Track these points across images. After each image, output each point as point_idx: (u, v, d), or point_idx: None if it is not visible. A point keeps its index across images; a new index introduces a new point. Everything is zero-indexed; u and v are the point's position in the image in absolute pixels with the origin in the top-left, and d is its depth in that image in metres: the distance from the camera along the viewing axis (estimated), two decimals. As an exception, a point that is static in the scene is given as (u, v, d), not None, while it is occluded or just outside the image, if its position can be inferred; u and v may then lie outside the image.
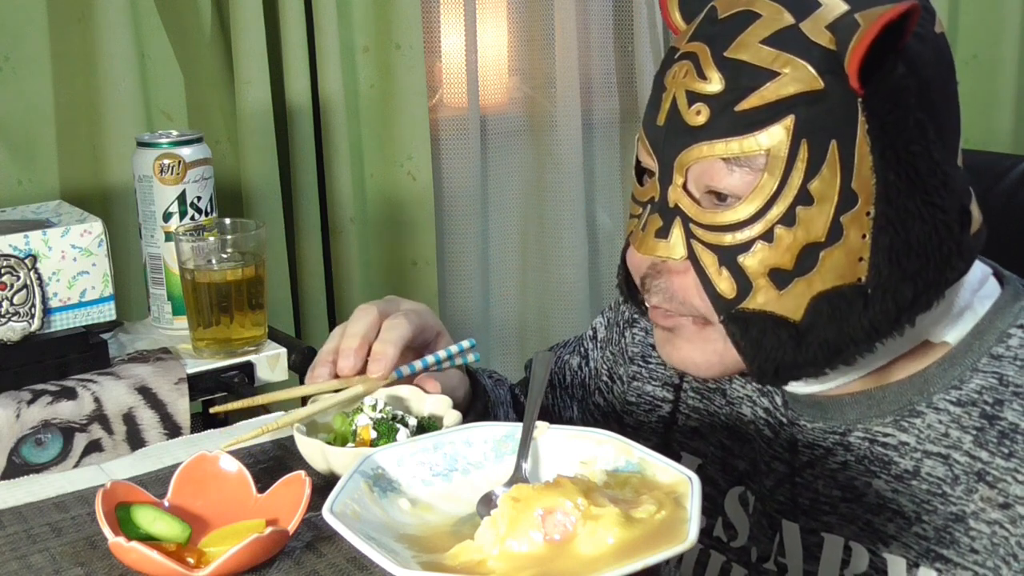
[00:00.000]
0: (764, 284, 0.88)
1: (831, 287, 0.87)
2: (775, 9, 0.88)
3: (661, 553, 0.68)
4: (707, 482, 1.06)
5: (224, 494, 0.90)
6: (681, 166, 0.90)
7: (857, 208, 0.86)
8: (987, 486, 0.89)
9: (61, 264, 1.18)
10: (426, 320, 1.04)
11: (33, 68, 1.61)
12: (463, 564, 0.73)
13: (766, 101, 0.86)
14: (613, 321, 1.23)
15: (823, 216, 0.86)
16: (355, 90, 1.85)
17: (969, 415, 0.91)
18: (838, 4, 0.87)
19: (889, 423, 0.95)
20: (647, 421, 1.14)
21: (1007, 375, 0.91)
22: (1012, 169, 1.33)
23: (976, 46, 2.37)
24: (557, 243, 2.14)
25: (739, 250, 0.88)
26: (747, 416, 1.05)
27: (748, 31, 0.88)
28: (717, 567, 1.07)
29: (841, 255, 0.87)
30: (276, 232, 1.77)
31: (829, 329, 0.88)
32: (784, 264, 0.87)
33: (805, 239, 0.87)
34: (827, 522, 0.98)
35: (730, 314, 0.90)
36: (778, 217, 0.87)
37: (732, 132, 0.87)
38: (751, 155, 0.87)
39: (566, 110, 2.08)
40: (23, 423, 1.05)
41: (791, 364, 0.90)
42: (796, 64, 0.86)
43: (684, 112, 0.89)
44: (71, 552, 0.87)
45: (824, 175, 0.86)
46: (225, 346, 1.23)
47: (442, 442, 0.87)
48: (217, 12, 1.71)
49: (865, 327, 0.88)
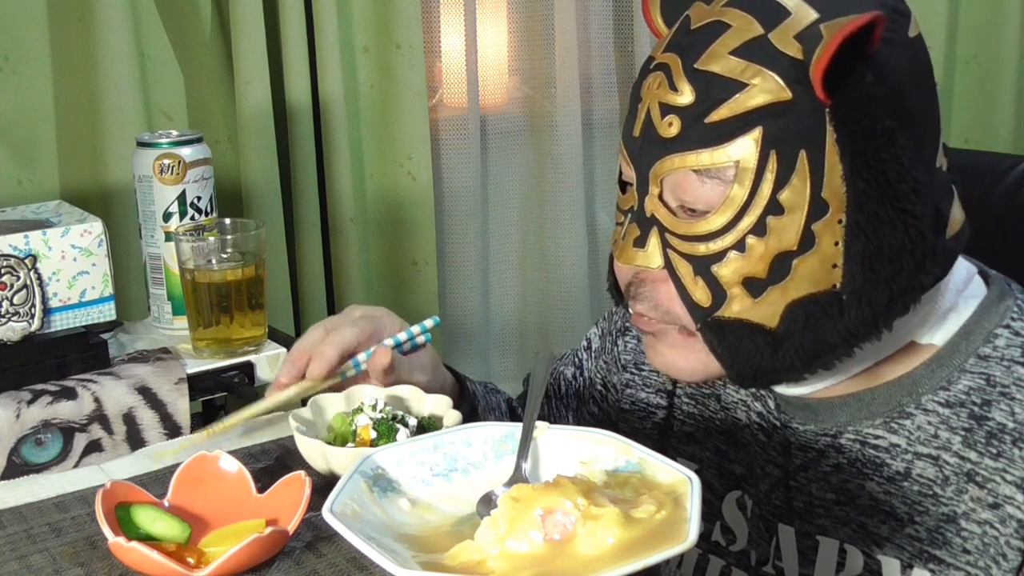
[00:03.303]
0: (739, 293, 0.89)
1: (806, 294, 0.88)
2: (745, 20, 0.88)
3: (661, 553, 0.69)
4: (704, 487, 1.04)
5: (224, 494, 0.90)
6: (656, 177, 0.90)
7: (828, 216, 0.87)
8: (977, 486, 0.90)
9: (61, 264, 1.18)
10: (379, 324, 1.07)
11: (33, 68, 1.61)
12: (463, 564, 0.73)
13: (735, 113, 0.86)
14: (606, 331, 1.23)
15: (794, 225, 0.87)
16: (355, 90, 1.85)
17: (958, 416, 0.91)
18: (808, 13, 0.87)
19: (879, 425, 0.95)
20: (642, 428, 1.14)
21: (994, 375, 0.91)
22: (1012, 169, 1.33)
23: (976, 46, 2.37)
24: (557, 243, 2.14)
25: (713, 260, 0.89)
26: (742, 421, 1.05)
27: (718, 42, 0.88)
28: (716, 571, 1.07)
29: (814, 263, 0.87)
30: (276, 232, 1.77)
31: (805, 335, 0.89)
32: (757, 273, 0.88)
33: (777, 248, 0.87)
34: (821, 525, 0.98)
35: (707, 322, 0.91)
36: (749, 227, 0.87)
37: (702, 144, 0.88)
38: (721, 167, 0.87)
39: (566, 110, 2.08)
40: (23, 423, 1.05)
41: (769, 369, 0.91)
42: (764, 75, 0.86)
43: (657, 124, 0.90)
44: (71, 552, 0.87)
45: (794, 185, 0.86)
46: (225, 346, 1.23)
47: (442, 442, 0.87)
48: (217, 12, 1.71)
49: (841, 332, 0.88)
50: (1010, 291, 0.97)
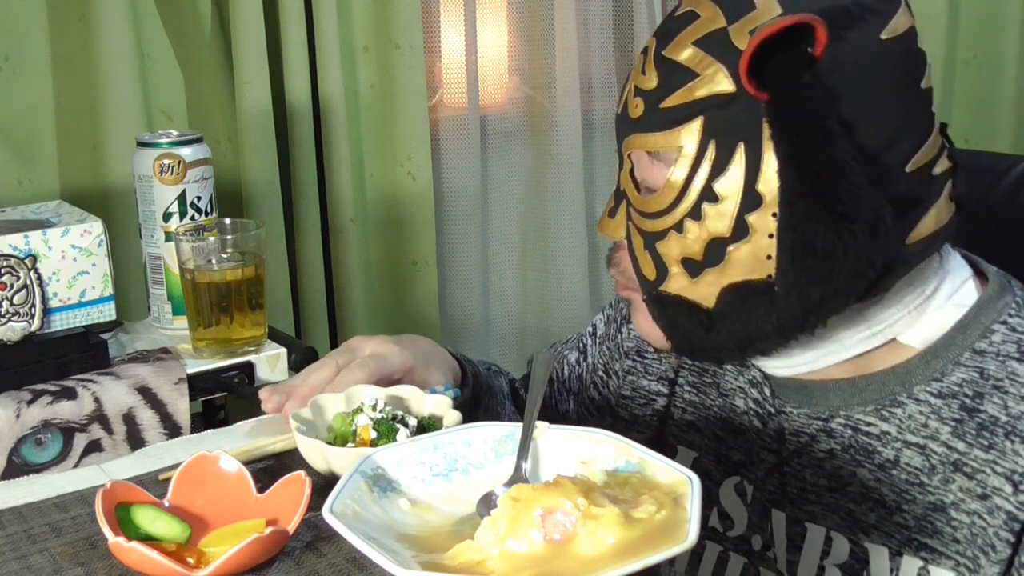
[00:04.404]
0: (678, 271, 0.93)
1: (740, 280, 0.91)
2: (713, 11, 0.91)
3: (661, 553, 0.69)
4: (702, 474, 1.07)
5: (224, 494, 0.90)
6: (626, 153, 0.96)
7: (762, 208, 0.89)
8: (965, 477, 0.91)
9: (61, 264, 1.18)
10: (389, 363, 1.06)
11: (33, 68, 1.61)
12: (463, 564, 0.73)
13: (684, 101, 0.90)
14: (612, 318, 1.25)
15: (728, 214, 0.90)
16: (355, 90, 1.85)
17: (949, 407, 0.93)
18: (772, 7, 0.89)
19: (871, 412, 0.96)
20: (642, 415, 1.16)
21: (988, 369, 0.92)
22: (1012, 169, 1.33)
23: (976, 46, 2.37)
24: (557, 243, 2.14)
25: (657, 237, 0.94)
26: (740, 408, 1.07)
27: (686, 31, 0.91)
28: (714, 557, 1.08)
29: (747, 252, 0.90)
30: (276, 232, 1.77)
31: (738, 320, 0.92)
32: (694, 255, 0.92)
33: (711, 234, 0.91)
34: (811, 512, 1.00)
35: (651, 295, 0.96)
36: (686, 211, 0.91)
37: (656, 127, 0.92)
38: (668, 150, 0.92)
39: (566, 110, 2.08)
40: (23, 423, 1.05)
41: (703, 347, 0.96)
42: (715, 66, 0.89)
43: (630, 104, 0.95)
44: (71, 552, 0.87)
45: (729, 175, 0.90)
46: (225, 346, 1.23)
47: (442, 442, 0.87)
48: (217, 12, 1.71)
49: (773, 323, 0.91)
50: (1010, 287, 0.97)
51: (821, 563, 0.98)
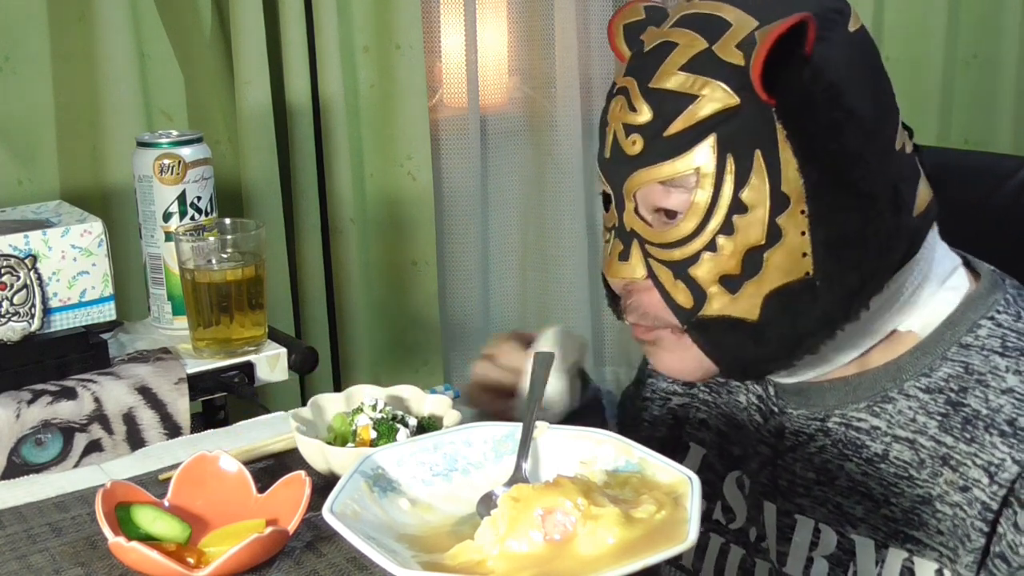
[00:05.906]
0: (717, 291, 0.94)
1: (780, 284, 0.92)
2: (690, 36, 0.93)
3: (661, 553, 0.69)
4: (707, 468, 1.11)
5: (224, 494, 0.90)
6: (629, 193, 0.96)
7: (791, 208, 0.91)
8: (951, 470, 0.93)
9: (61, 264, 1.18)
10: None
11: (33, 68, 1.61)
12: (463, 564, 0.73)
13: (689, 124, 0.92)
14: None
15: (759, 221, 0.92)
16: (355, 90, 1.85)
17: (936, 401, 0.95)
18: (748, 22, 0.92)
19: (863, 408, 0.99)
20: (660, 415, 1.18)
21: (972, 364, 0.95)
22: (1016, 172, 1.33)
23: (976, 46, 2.36)
24: (557, 243, 2.14)
25: (688, 263, 0.94)
26: (742, 403, 1.09)
27: (668, 60, 0.93)
28: (716, 548, 1.11)
29: (784, 254, 0.92)
30: (276, 232, 1.77)
31: (784, 323, 0.93)
32: (731, 270, 0.93)
33: (746, 244, 0.92)
34: (800, 504, 1.02)
35: (691, 323, 0.96)
36: (717, 228, 0.92)
37: (664, 157, 0.93)
38: (684, 175, 0.93)
39: (566, 110, 2.08)
40: (23, 423, 1.05)
41: (755, 360, 0.96)
42: (712, 85, 0.91)
43: (623, 143, 0.95)
44: (71, 552, 0.87)
45: (753, 183, 0.91)
46: (225, 346, 1.23)
47: (442, 442, 0.87)
48: (217, 12, 1.71)
49: (819, 317, 0.93)
50: (1002, 285, 1.00)
51: (810, 554, 1.01)
